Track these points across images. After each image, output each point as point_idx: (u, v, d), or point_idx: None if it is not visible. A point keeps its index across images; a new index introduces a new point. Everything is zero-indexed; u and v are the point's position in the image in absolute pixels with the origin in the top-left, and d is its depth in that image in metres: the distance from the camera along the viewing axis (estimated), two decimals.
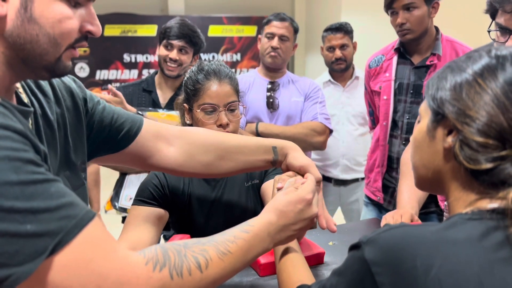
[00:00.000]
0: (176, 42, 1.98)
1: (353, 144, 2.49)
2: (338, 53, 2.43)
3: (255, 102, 2.11)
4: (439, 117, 0.69)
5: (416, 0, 1.79)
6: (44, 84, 0.80)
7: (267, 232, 0.79)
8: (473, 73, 0.65)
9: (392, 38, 2.07)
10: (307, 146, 2.05)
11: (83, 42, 0.71)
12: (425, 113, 0.73)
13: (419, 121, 0.76)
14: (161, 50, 2.03)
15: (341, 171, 2.51)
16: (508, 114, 0.61)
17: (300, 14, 7.34)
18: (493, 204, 0.63)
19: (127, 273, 0.60)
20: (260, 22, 6.88)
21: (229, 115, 1.29)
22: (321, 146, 2.09)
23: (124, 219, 2.11)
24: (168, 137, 1.01)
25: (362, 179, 2.50)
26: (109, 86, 1.86)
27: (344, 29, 2.43)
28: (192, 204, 1.32)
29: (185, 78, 1.36)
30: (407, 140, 1.91)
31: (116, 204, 2.00)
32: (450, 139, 0.67)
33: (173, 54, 1.98)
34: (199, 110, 1.28)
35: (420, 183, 0.77)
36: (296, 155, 1.02)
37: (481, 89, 0.63)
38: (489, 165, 0.62)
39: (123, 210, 1.99)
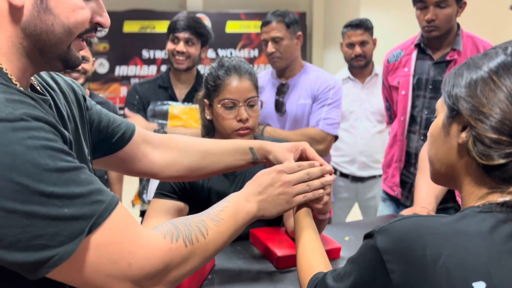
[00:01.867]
0: (181, 35, 2.01)
1: (371, 141, 2.48)
2: (357, 49, 2.42)
3: (265, 105, 2.10)
4: (454, 113, 0.70)
5: None
6: (49, 79, 0.84)
7: (245, 198, 0.89)
8: (489, 70, 0.66)
9: (410, 34, 2.05)
10: None
11: (92, 33, 0.74)
12: (441, 109, 0.75)
13: (436, 117, 0.78)
14: (168, 45, 2.06)
15: (358, 168, 2.51)
16: None
17: (318, 10, 7.30)
18: (504, 198, 0.65)
19: (152, 248, 0.68)
20: None
21: (249, 110, 1.32)
22: (322, 154, 2.02)
23: (142, 213, 2.15)
24: (153, 142, 1.07)
25: (380, 176, 2.49)
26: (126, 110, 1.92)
27: (364, 26, 2.42)
28: (211, 198, 1.35)
29: (206, 74, 1.38)
30: (425, 136, 1.90)
31: (145, 197, 2.04)
32: (464, 135, 0.68)
33: (180, 46, 2.01)
34: (219, 105, 1.31)
35: (435, 177, 0.79)
36: (273, 156, 1.10)
37: (495, 87, 0.65)
38: (501, 161, 0.64)
39: None
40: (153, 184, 1.97)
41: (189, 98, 2.07)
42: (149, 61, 6.47)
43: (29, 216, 0.56)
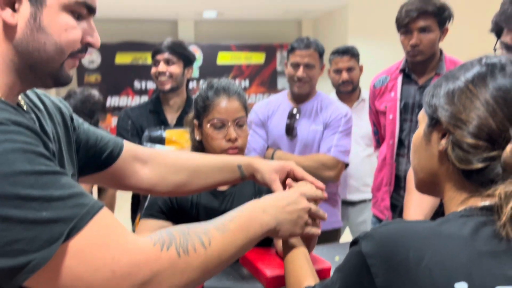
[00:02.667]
0: (159, 56, 2.07)
1: (360, 165, 2.50)
2: (344, 75, 2.48)
3: (276, 128, 2.11)
4: (433, 122, 0.73)
5: (432, 24, 1.82)
6: (36, 100, 0.84)
7: (262, 209, 0.83)
8: (465, 80, 0.70)
9: (395, 61, 2.10)
10: (318, 179, 2.04)
11: (83, 53, 0.76)
12: (423, 119, 0.77)
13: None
14: (152, 69, 2.12)
15: (348, 192, 2.51)
16: (497, 117, 0.65)
17: None
18: (484, 202, 0.67)
19: (138, 255, 0.63)
20: (268, 49, 7.03)
21: (238, 130, 1.33)
22: (333, 180, 2.04)
23: None
24: (143, 158, 1.07)
25: (369, 200, 2.50)
26: None
27: (351, 52, 2.49)
28: (200, 218, 1.34)
29: (196, 96, 1.40)
30: None
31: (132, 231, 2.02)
32: (443, 141, 0.71)
33: (160, 67, 2.06)
34: (208, 125, 1.32)
35: (419, 185, 0.81)
36: (260, 176, 1.08)
37: (472, 95, 0.68)
38: (480, 165, 0.66)
39: None
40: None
41: (180, 121, 2.08)
42: (141, 92, 6.52)
43: (4, 220, 0.55)
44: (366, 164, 2.51)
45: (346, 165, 2.10)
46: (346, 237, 2.78)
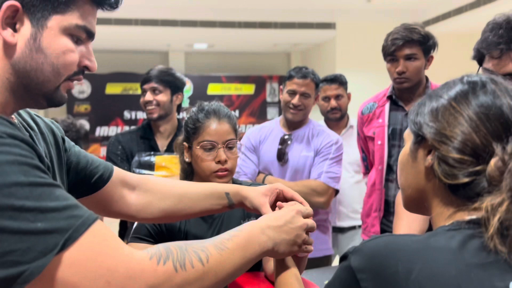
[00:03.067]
0: (147, 86, 2.10)
1: (349, 191, 2.51)
2: (333, 102, 2.52)
3: (267, 154, 2.13)
4: (419, 139, 0.74)
5: (417, 51, 1.88)
6: (29, 119, 0.85)
7: (260, 230, 0.81)
8: (448, 98, 0.72)
9: (380, 90, 2.15)
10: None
11: (80, 76, 0.77)
12: (408, 138, 0.78)
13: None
14: (140, 99, 2.14)
15: (337, 218, 2.50)
16: (480, 133, 0.67)
17: None
18: (471, 216, 0.68)
19: (134, 267, 0.62)
20: (257, 81, 7.13)
21: (228, 152, 1.33)
22: (322, 206, 2.05)
23: None
24: (131, 184, 1.06)
25: (359, 226, 2.49)
26: None
27: (339, 80, 2.54)
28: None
29: (186, 118, 1.41)
30: None
31: None
32: (430, 157, 0.72)
33: (147, 96, 2.08)
34: (198, 147, 1.32)
35: (406, 203, 0.82)
36: (249, 202, 1.06)
37: (455, 111, 0.70)
38: (465, 179, 0.67)
39: None
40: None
41: (171, 148, 2.08)
42: (131, 122, 6.53)
43: None
44: (355, 190, 2.52)
45: (336, 192, 2.10)
46: (335, 264, 2.75)
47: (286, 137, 2.14)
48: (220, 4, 5.61)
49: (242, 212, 1.39)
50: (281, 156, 2.10)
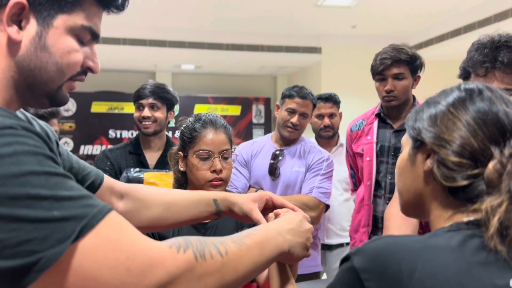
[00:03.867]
0: (145, 101, 2.09)
1: (338, 209, 2.52)
2: (327, 121, 2.56)
3: (259, 168, 2.15)
4: (418, 144, 0.76)
5: (404, 71, 1.94)
6: (25, 121, 0.85)
7: (276, 231, 0.80)
8: (447, 104, 0.74)
9: (365, 110, 2.20)
10: None
11: (83, 76, 0.77)
12: (406, 143, 0.80)
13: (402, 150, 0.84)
14: (135, 113, 2.13)
15: (326, 236, 2.51)
16: (478, 137, 0.69)
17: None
18: (469, 218, 0.69)
19: (154, 254, 0.61)
20: (244, 102, 7.18)
21: (223, 162, 1.34)
22: (313, 221, 2.03)
23: None
24: (119, 192, 1.06)
25: (347, 244, 2.49)
26: None
27: (333, 99, 2.60)
28: None
29: (182, 128, 1.42)
30: (390, 199, 1.95)
31: None
32: (429, 162, 0.74)
33: (145, 112, 2.08)
34: (194, 156, 1.33)
35: (405, 208, 0.83)
36: (238, 208, 1.05)
37: (453, 117, 0.72)
38: (464, 182, 0.69)
39: None
40: None
41: (160, 163, 2.08)
42: (115, 141, 6.47)
43: (14, 220, 0.53)
44: (343, 208, 2.53)
45: (327, 207, 2.11)
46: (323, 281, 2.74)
47: (278, 152, 2.16)
48: (209, 26, 5.70)
49: (236, 222, 1.39)
50: (273, 171, 2.12)
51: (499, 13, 4.70)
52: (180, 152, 1.40)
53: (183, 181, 1.42)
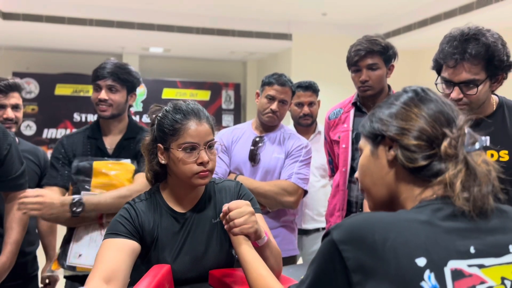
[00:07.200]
0: (102, 82, 1.91)
1: (314, 195, 2.57)
2: (306, 109, 2.59)
3: (239, 154, 2.16)
4: (379, 139, 0.87)
5: (378, 61, 1.99)
6: None
7: None
8: (400, 103, 0.88)
9: (336, 100, 2.24)
10: (277, 203, 2.07)
11: None
12: (365, 145, 0.92)
13: (360, 155, 0.93)
14: (92, 95, 1.96)
15: (302, 221, 2.56)
16: (429, 124, 0.83)
17: (252, 80, 7.66)
18: (437, 194, 0.81)
19: None
20: (213, 87, 7.13)
21: (208, 153, 1.32)
22: (291, 206, 2.10)
23: (69, 278, 1.89)
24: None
25: (323, 229, 2.56)
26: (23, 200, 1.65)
27: (313, 88, 2.63)
28: (159, 240, 1.31)
29: (158, 118, 1.36)
30: None
31: (64, 262, 1.82)
32: (392, 151, 0.85)
33: (102, 94, 1.90)
34: (179, 150, 1.30)
35: (375, 203, 0.91)
36: None
37: (410, 111, 0.86)
38: (424, 162, 0.81)
39: (72, 268, 1.81)
40: (74, 248, 1.81)
41: (119, 148, 1.95)
42: (80, 124, 6.30)
43: None
44: (320, 193, 2.58)
45: (305, 192, 2.16)
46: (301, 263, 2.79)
47: (258, 139, 2.19)
48: (179, 9, 5.59)
49: (214, 212, 1.39)
50: (253, 157, 2.14)
51: (463, 6, 4.86)
52: (160, 145, 1.34)
53: (161, 174, 1.39)
